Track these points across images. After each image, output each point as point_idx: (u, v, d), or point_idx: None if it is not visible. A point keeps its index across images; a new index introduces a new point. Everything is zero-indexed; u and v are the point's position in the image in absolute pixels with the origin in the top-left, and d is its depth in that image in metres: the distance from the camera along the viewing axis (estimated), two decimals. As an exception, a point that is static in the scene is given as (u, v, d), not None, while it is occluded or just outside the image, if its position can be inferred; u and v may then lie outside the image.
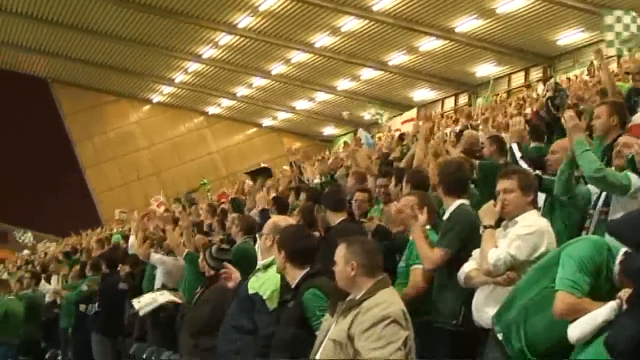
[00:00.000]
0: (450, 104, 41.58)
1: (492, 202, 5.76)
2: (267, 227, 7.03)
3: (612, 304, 4.34)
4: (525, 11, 30.81)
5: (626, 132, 7.18)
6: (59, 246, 29.48)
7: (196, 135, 50.94)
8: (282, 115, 49.33)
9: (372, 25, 34.12)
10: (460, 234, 6.16)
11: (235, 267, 8.77)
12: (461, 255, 6.02)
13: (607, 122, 7.25)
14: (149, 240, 12.79)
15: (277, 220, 7.37)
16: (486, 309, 5.52)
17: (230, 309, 7.02)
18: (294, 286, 6.12)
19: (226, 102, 48.37)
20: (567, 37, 32.74)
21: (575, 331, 4.45)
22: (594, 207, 6.11)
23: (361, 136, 20.81)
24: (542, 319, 4.82)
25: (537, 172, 6.80)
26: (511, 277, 5.39)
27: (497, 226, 5.70)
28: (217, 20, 35.70)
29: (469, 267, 5.75)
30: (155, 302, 10.13)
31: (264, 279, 6.70)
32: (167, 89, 47.46)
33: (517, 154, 7.68)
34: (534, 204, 5.71)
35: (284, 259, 6.18)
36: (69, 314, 14.34)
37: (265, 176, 16.02)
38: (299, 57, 38.92)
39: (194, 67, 42.49)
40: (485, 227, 5.68)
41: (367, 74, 40.20)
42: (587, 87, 17.72)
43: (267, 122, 50.95)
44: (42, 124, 48.28)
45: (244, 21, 35.21)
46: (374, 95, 41.51)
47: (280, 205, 11.07)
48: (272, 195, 13.49)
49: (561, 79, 25.49)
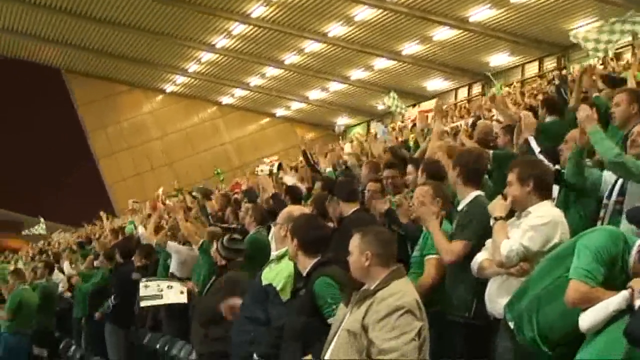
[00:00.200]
0: (463, 93, 41.46)
1: (500, 196, 5.74)
2: (281, 216, 7.01)
3: (624, 293, 4.33)
4: (539, 0, 30.69)
5: None
6: (73, 236, 29.55)
7: (209, 125, 50.97)
8: (296, 105, 49.30)
9: (386, 14, 34.02)
10: (478, 227, 6.11)
11: (247, 258, 8.82)
12: (475, 248, 5.99)
13: (627, 110, 7.17)
14: (164, 229, 12.83)
15: (291, 209, 7.35)
16: (499, 300, 5.49)
17: (244, 300, 7.01)
18: (305, 275, 6.12)
19: (239, 92, 48.36)
20: (582, 26, 32.45)
21: (586, 320, 4.44)
22: (608, 198, 6.07)
23: (377, 130, 20.89)
24: (554, 308, 4.80)
25: (557, 167, 6.76)
26: (524, 268, 5.36)
27: (508, 218, 5.66)
28: (230, 9, 35.65)
29: (481, 257, 5.73)
30: (160, 299, 10.14)
31: (277, 270, 6.68)
32: (180, 79, 47.47)
33: (536, 148, 7.61)
34: (542, 195, 5.65)
35: (296, 247, 6.18)
36: (83, 303, 14.38)
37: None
38: (312, 46, 38.84)
39: (207, 57, 42.46)
40: (495, 219, 5.66)
41: (381, 63, 40.12)
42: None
43: (280, 112, 50.93)
44: (55, 114, 48.40)
45: (258, 10, 35.15)
46: (388, 85, 41.41)
47: (293, 194, 11.06)
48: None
49: (575, 69, 25.36)
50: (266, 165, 20.22)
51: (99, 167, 49.49)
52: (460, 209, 6.38)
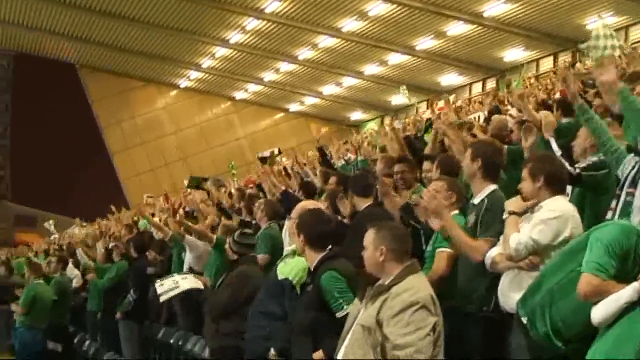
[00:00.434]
0: (477, 88, 41.33)
1: (519, 196, 5.72)
2: (295, 211, 7.02)
3: (634, 285, 4.34)
4: (553, -5, 30.61)
5: None
6: (87, 229, 29.59)
7: (223, 120, 50.99)
8: (310, 100, 49.24)
9: (400, 9, 33.94)
10: (502, 224, 6.04)
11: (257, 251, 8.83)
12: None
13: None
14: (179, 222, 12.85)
15: (305, 204, 7.36)
16: (511, 294, 5.49)
17: (258, 295, 7.01)
18: (312, 269, 6.12)
19: (253, 87, 48.35)
20: (596, 21, 32.32)
21: (597, 313, 4.44)
22: (621, 189, 6.03)
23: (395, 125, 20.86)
24: (568, 302, 4.80)
25: (577, 170, 6.72)
26: (534, 262, 5.35)
27: (523, 214, 5.64)
28: (244, 4, 35.66)
29: (494, 252, 5.71)
30: (177, 288, 10.15)
31: (293, 265, 6.69)
32: (194, 74, 47.49)
33: (557, 150, 7.53)
34: (553, 190, 5.61)
35: (303, 242, 6.22)
36: (98, 298, 14.40)
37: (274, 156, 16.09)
38: (326, 42, 38.78)
39: (221, 52, 42.46)
40: (509, 213, 5.64)
41: (395, 58, 40.00)
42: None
43: (294, 107, 50.88)
44: (70, 109, 48.55)
45: (272, 5, 35.11)
46: (402, 80, 41.31)
47: (307, 189, 11.05)
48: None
49: (590, 64, 25.22)
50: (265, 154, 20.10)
51: (114, 163, 49.61)
52: (476, 202, 6.31)
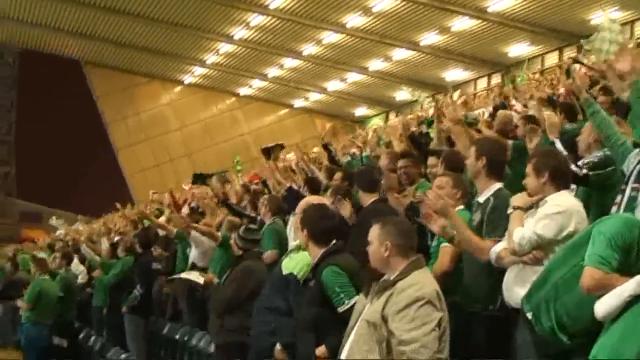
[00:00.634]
0: (483, 84, 41.28)
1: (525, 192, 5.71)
2: (300, 207, 7.03)
3: (637, 278, 4.31)
4: (558, -10, 30.56)
5: None
6: (92, 225, 29.60)
7: (228, 116, 51.02)
8: (314, 96, 49.23)
9: (405, 4, 33.88)
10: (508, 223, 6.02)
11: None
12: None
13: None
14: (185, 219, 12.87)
15: (310, 200, 7.37)
16: (515, 289, 5.49)
17: (263, 290, 7.02)
18: (314, 265, 6.13)
19: (258, 83, 48.35)
20: (601, 15, 32.25)
21: (601, 307, 4.41)
22: (626, 183, 6.03)
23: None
24: (572, 297, 4.79)
25: (585, 170, 6.72)
26: (537, 257, 5.35)
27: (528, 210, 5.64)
28: (249, 0, 35.68)
29: (499, 247, 5.70)
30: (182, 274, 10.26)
31: (297, 259, 6.70)
32: (198, 70, 47.51)
33: (562, 151, 7.49)
34: (558, 185, 5.60)
35: (307, 237, 6.22)
36: (103, 293, 14.43)
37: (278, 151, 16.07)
38: (330, 37, 38.74)
39: (225, 48, 42.46)
40: (513, 208, 5.64)
41: (399, 54, 39.93)
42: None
43: (298, 103, 50.89)
44: (75, 105, 48.58)
45: (276, 1, 35.12)
46: (406, 76, 41.33)
47: (312, 185, 11.05)
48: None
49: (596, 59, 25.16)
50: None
51: (118, 159, 49.65)
52: (482, 200, 6.28)
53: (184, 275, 10.68)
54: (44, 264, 14.93)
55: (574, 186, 6.52)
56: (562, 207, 5.41)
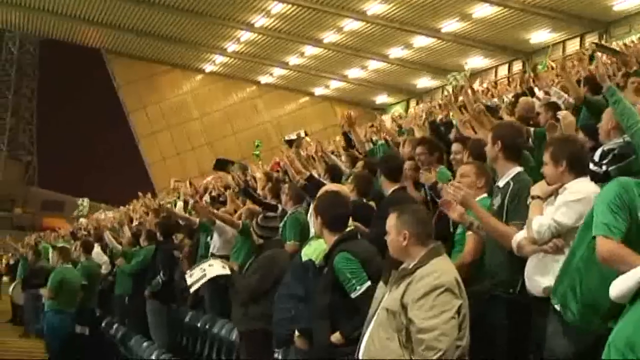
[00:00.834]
0: (504, 71, 41.11)
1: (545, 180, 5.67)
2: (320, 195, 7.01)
3: None
4: (581, -25, 30.40)
5: None
6: (114, 214, 29.75)
7: (249, 104, 51.08)
8: (335, 84, 49.17)
9: (426, -9, 33.86)
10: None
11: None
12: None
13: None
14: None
15: (329, 188, 7.35)
16: (536, 278, 5.46)
17: (285, 278, 7.03)
18: (327, 252, 6.14)
19: (278, 71, 48.38)
20: (624, 2, 32.13)
21: (614, 288, 4.24)
22: None
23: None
24: (594, 274, 4.77)
25: (604, 167, 6.68)
26: (558, 245, 5.31)
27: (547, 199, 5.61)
28: (269, -12, 35.74)
29: (520, 236, 5.67)
30: (205, 277, 10.19)
31: (315, 246, 6.70)
32: (219, 59, 47.58)
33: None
34: (577, 172, 5.55)
35: (321, 224, 6.22)
36: (125, 281, 14.49)
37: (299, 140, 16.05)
38: (351, 25, 38.68)
39: (246, 36, 42.48)
40: (532, 197, 5.61)
41: (420, 41, 39.80)
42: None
43: (319, 91, 50.85)
44: (96, 94, 48.85)
45: (297, -11, 35.15)
46: (427, 63, 41.23)
47: (333, 173, 11.03)
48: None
49: (618, 45, 25.03)
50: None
51: (140, 147, 49.84)
52: (501, 184, 6.25)
53: (207, 270, 10.63)
54: (66, 252, 14.98)
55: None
56: (581, 194, 5.37)
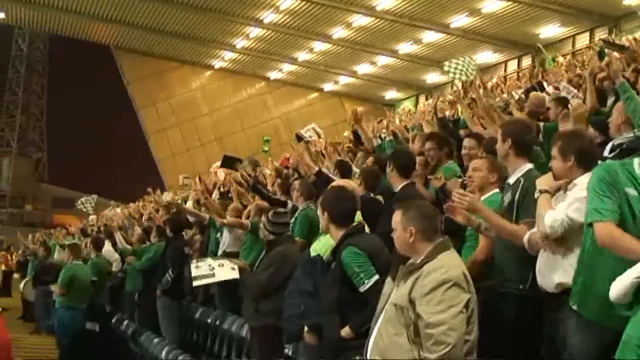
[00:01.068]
0: (513, 66, 41.04)
1: (550, 173, 5.62)
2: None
3: None
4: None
5: None
6: (124, 211, 29.79)
7: (258, 100, 51.13)
8: (344, 79, 49.20)
9: (434, -13, 33.84)
10: None
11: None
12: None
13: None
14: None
15: (335, 183, 7.36)
16: (547, 273, 5.42)
17: (294, 274, 7.04)
18: (334, 247, 6.15)
19: (287, 67, 48.41)
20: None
21: (613, 291, 4.25)
22: None
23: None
24: (602, 265, 4.74)
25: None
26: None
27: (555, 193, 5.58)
28: (278, -16, 35.76)
29: (531, 232, 5.65)
30: (212, 277, 10.17)
31: (324, 241, 6.71)
32: (228, 55, 47.64)
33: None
34: (586, 167, 5.51)
35: (327, 219, 6.23)
36: (135, 278, 14.52)
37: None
38: (360, 20, 38.69)
39: (255, 32, 42.53)
40: (540, 192, 5.57)
41: (429, 36, 39.80)
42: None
43: (328, 86, 50.88)
44: (106, 91, 48.89)
45: (305, -15, 35.15)
46: (436, 58, 41.16)
47: (342, 169, 11.02)
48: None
49: (628, 39, 24.97)
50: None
51: (149, 143, 49.91)
52: (512, 181, 6.23)
53: (216, 271, 10.58)
54: (76, 249, 15.02)
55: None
56: None
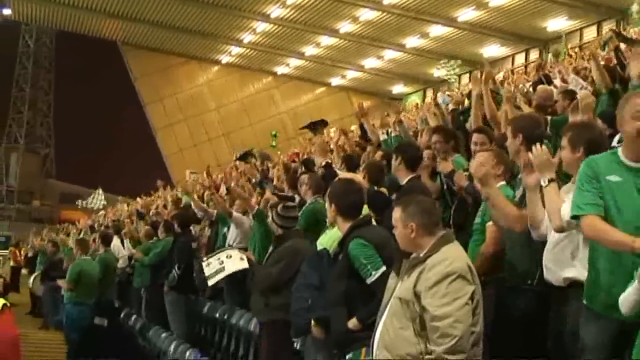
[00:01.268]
0: (520, 59, 40.98)
1: (545, 153, 5.42)
2: (332, 184, 7.01)
3: (636, 285, 4.23)
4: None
5: None
6: (131, 206, 29.84)
7: (265, 95, 51.13)
8: (351, 74, 49.19)
9: (441, -20, 33.80)
10: None
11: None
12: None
13: None
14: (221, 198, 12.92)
15: (342, 176, 7.35)
16: (554, 267, 5.38)
17: (302, 268, 7.03)
18: (341, 239, 6.14)
19: (294, 62, 48.43)
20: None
21: (623, 307, 4.35)
22: None
23: (439, 99, 21.26)
24: (602, 256, 4.73)
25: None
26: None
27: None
28: (284, -21, 35.74)
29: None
30: (223, 271, 10.16)
31: (330, 235, 6.71)
32: (235, 50, 47.65)
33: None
34: None
35: (334, 212, 6.23)
36: (143, 273, 14.54)
37: (321, 127, 16.02)
38: (367, 15, 38.68)
39: (262, 27, 42.55)
40: (549, 180, 5.39)
41: (436, 30, 39.79)
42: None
43: (335, 81, 50.87)
44: (113, 87, 48.92)
45: (312, -21, 35.14)
46: (443, 52, 41.10)
47: (349, 163, 11.01)
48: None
49: (634, 32, 24.93)
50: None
51: (157, 139, 49.96)
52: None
53: (225, 263, 10.57)
54: (85, 245, 15.03)
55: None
56: None
